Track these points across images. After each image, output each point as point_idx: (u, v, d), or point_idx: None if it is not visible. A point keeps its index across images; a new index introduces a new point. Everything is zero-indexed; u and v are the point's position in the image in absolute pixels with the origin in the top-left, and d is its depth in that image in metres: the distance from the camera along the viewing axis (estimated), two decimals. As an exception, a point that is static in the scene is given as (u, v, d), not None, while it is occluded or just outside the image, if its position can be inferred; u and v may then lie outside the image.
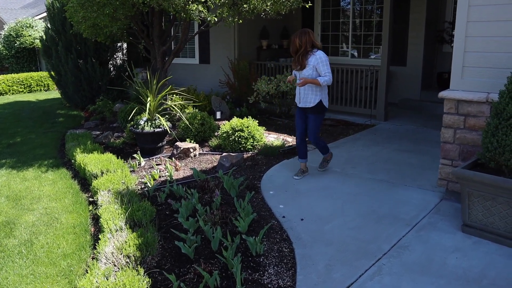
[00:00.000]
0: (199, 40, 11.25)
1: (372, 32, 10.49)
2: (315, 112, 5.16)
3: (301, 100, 5.19)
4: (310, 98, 5.11)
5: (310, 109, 5.20)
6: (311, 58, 4.99)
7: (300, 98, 5.18)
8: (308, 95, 5.10)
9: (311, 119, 5.22)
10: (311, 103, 5.15)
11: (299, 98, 5.20)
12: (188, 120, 7.16)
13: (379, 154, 6.44)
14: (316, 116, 5.18)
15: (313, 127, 5.23)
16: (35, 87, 17.36)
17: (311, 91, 5.09)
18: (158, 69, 9.04)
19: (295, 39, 4.94)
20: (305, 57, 4.97)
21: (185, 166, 6.10)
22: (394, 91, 9.95)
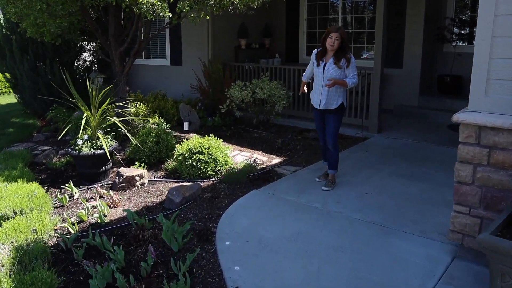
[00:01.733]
0: (171, 39, 9.99)
1: (364, 30, 9.27)
2: (337, 112, 4.90)
3: (323, 102, 4.85)
4: (333, 99, 4.84)
5: (332, 110, 4.89)
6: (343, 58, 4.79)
7: (322, 99, 4.86)
8: (332, 97, 4.82)
9: (331, 119, 4.92)
10: (333, 104, 4.86)
11: (320, 100, 4.87)
12: (141, 137, 5.92)
13: (371, 180, 5.23)
14: (338, 117, 4.93)
15: (334, 128, 4.92)
16: (3, 89, 16.07)
17: (336, 92, 4.81)
18: (118, 74, 7.80)
19: (340, 32, 4.63)
20: (343, 55, 4.69)
21: (127, 199, 4.87)
22: (389, 97, 8.74)
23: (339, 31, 4.59)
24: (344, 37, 4.59)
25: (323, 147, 5.19)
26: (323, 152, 5.31)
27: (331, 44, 4.60)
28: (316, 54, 4.86)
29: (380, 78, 7.12)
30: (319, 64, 4.79)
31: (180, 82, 9.75)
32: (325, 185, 4.99)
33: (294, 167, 5.80)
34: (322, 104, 4.84)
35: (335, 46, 4.60)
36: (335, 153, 4.98)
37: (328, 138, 4.94)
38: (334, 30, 4.60)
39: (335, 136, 4.91)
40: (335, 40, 4.57)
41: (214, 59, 9.04)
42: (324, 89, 4.77)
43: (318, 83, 4.86)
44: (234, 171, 5.31)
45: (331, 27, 4.71)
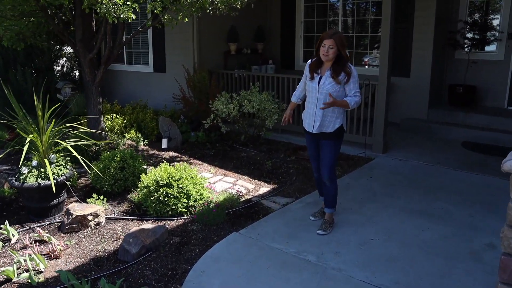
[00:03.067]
0: (153, 43, 9.06)
1: (367, 34, 8.34)
2: (334, 137, 3.97)
3: (317, 124, 3.91)
4: (329, 121, 3.91)
5: (327, 134, 3.94)
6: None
7: (315, 121, 3.92)
8: (327, 118, 3.90)
9: (327, 146, 3.97)
10: (329, 127, 3.92)
11: (313, 122, 3.94)
12: (104, 161, 4.99)
13: (377, 219, 4.29)
14: (335, 143, 3.98)
15: (330, 157, 3.97)
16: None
17: (332, 113, 3.90)
18: (88, 83, 6.87)
19: (335, 38, 3.72)
20: (341, 68, 3.79)
21: (75, 246, 3.92)
22: (395, 109, 7.81)
23: (333, 37, 3.68)
24: (340, 44, 3.69)
25: (318, 180, 4.26)
26: (318, 186, 4.38)
27: (324, 53, 3.73)
28: (309, 65, 3.95)
29: (386, 89, 6.18)
30: (313, 77, 3.89)
31: (164, 91, 8.82)
32: (321, 227, 4.05)
33: (284, 199, 4.87)
34: (315, 127, 3.91)
35: (330, 56, 3.72)
36: (332, 187, 4.06)
37: (323, 169, 4.01)
38: (327, 36, 3.72)
39: (331, 167, 3.98)
40: (328, 49, 3.70)
41: (200, 66, 8.11)
42: (319, 108, 3.86)
43: (311, 100, 3.94)
44: (211, 207, 4.37)
45: (325, 32, 3.79)
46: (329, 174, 3.98)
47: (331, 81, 3.79)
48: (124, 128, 7.62)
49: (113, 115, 7.71)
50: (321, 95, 3.82)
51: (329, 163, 3.96)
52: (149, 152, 6.85)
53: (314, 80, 3.90)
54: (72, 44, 6.67)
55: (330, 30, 3.76)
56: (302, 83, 4.13)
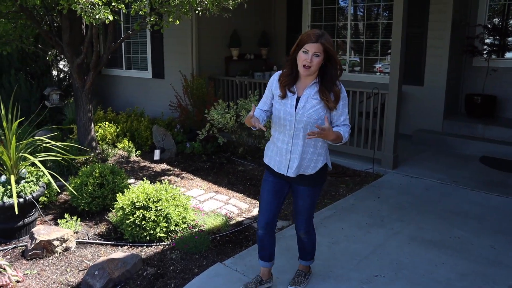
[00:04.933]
0: (152, 48, 8.61)
1: (378, 39, 7.80)
2: (315, 182, 2.85)
3: (294, 164, 2.76)
4: (310, 159, 2.78)
5: (306, 177, 2.83)
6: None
7: (291, 161, 2.76)
8: (308, 155, 2.76)
9: (306, 193, 2.88)
10: (310, 168, 2.80)
11: (288, 162, 2.77)
12: (81, 177, 4.51)
13: (384, 250, 3.73)
14: (315, 190, 2.89)
15: (309, 206, 2.94)
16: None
17: (314, 148, 2.77)
18: (78, 89, 6.44)
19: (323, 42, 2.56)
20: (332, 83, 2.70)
21: (36, 276, 3.43)
22: (407, 120, 7.24)
23: (320, 40, 2.54)
24: (330, 50, 2.58)
25: (263, 236, 3.03)
26: (261, 244, 3.09)
27: (306, 64, 2.57)
28: (278, 80, 2.78)
29: (397, 99, 5.63)
30: (286, 96, 2.70)
31: (162, 98, 8.35)
32: (294, 281, 3.19)
33: (279, 222, 4.33)
34: (292, 169, 2.76)
35: (314, 68, 2.59)
36: (311, 238, 3.12)
37: (299, 222, 3.02)
38: (312, 38, 2.55)
39: (309, 217, 3.00)
40: (313, 57, 2.55)
41: (199, 72, 7.64)
42: (297, 142, 2.72)
43: (284, 131, 2.75)
44: (195, 231, 3.86)
45: (306, 32, 2.61)
46: (308, 227, 3.03)
47: (315, 105, 2.65)
48: (117, 137, 7.17)
49: (106, 123, 7.27)
50: (300, 124, 2.67)
51: (309, 214, 2.98)
52: (140, 164, 6.37)
53: (287, 100, 2.70)
54: (60, 48, 6.26)
55: (313, 31, 2.60)
56: (266, 102, 2.85)
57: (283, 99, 2.71)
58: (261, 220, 2.96)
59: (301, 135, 2.70)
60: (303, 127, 2.67)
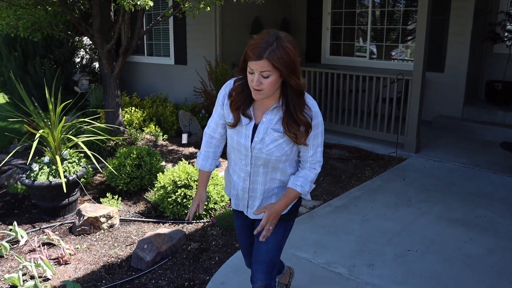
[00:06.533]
0: (175, 35, 8.76)
1: (398, 26, 7.89)
2: (284, 219, 2.16)
3: (256, 204, 2.19)
4: (277, 195, 2.17)
5: None
6: None
7: (250, 201, 2.19)
8: (274, 193, 2.16)
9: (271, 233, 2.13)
10: None
11: (247, 201, 2.20)
12: (119, 158, 4.72)
13: (414, 228, 3.91)
14: (285, 227, 2.22)
15: (271, 250, 2.20)
16: (5, 87, 15.14)
17: (281, 183, 2.15)
18: (107, 75, 6.63)
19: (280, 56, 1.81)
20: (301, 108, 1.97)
21: (87, 250, 3.65)
22: (427, 106, 7.34)
23: (268, 57, 1.80)
24: (285, 66, 1.82)
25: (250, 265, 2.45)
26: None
27: (255, 86, 1.87)
28: (229, 96, 2.06)
29: (421, 85, 5.76)
30: (239, 123, 2.05)
31: (185, 84, 8.53)
32: None
33: (311, 202, 4.52)
34: (252, 209, 2.20)
35: (267, 90, 1.88)
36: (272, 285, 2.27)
37: (257, 268, 2.21)
38: (254, 54, 1.81)
39: (273, 266, 2.23)
40: (260, 79, 1.85)
41: (222, 58, 7.80)
42: (256, 180, 2.13)
43: (240, 164, 2.15)
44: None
45: (250, 42, 1.87)
46: (267, 279, 2.20)
47: (276, 138, 2.00)
48: (143, 122, 7.36)
49: (132, 109, 7.47)
50: (258, 161, 2.07)
51: (269, 263, 2.20)
52: (168, 147, 6.57)
53: (241, 129, 2.05)
54: (89, 34, 6.43)
55: (259, 39, 1.84)
56: (218, 124, 2.17)
57: (233, 127, 2.05)
58: (245, 259, 2.54)
59: (261, 172, 2.10)
60: (262, 164, 2.07)
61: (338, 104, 6.79)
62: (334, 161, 5.74)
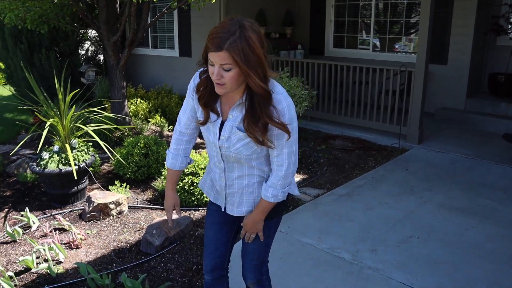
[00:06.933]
0: (179, 27, 8.83)
1: (401, 18, 7.93)
2: (270, 214, 2.03)
3: (234, 200, 2.05)
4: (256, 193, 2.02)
5: None
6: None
7: (227, 196, 2.06)
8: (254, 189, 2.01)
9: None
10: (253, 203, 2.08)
11: (223, 197, 2.08)
12: (127, 147, 4.81)
13: (416, 215, 3.99)
14: (270, 224, 2.11)
15: (259, 248, 2.15)
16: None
17: (258, 178, 2.00)
18: (113, 67, 6.71)
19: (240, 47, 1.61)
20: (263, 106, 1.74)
21: (96, 235, 3.75)
22: (430, 98, 7.41)
23: (229, 48, 1.61)
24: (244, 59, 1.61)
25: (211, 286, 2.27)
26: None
27: (216, 79, 1.69)
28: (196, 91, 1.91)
29: (424, 77, 5.82)
30: (208, 121, 1.90)
31: (189, 76, 8.45)
32: None
33: (315, 190, 4.61)
34: (233, 206, 2.07)
35: (229, 85, 1.70)
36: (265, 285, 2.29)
37: (247, 266, 2.22)
38: (213, 45, 1.63)
39: (263, 263, 2.24)
40: (220, 72, 1.67)
41: (226, 51, 7.85)
42: (231, 176, 2.01)
43: (214, 161, 2.03)
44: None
45: (211, 31, 1.67)
46: (256, 276, 2.22)
47: (242, 138, 1.84)
48: (149, 113, 7.45)
49: (138, 100, 7.55)
50: (229, 158, 1.94)
51: (257, 261, 2.19)
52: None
53: (210, 125, 1.91)
54: (96, 26, 6.51)
55: (220, 27, 1.66)
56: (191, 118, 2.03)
57: (204, 124, 1.92)
58: (207, 263, 2.22)
59: (235, 168, 1.97)
60: (234, 161, 1.95)
61: (342, 96, 6.85)
62: (338, 151, 5.81)
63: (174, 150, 2.11)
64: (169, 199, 2.18)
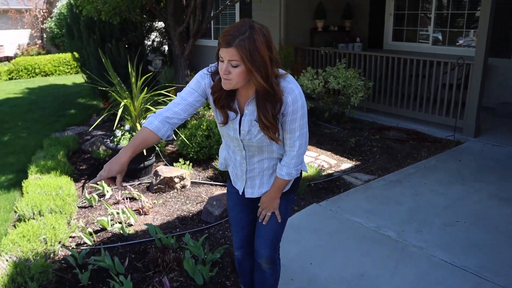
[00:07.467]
0: (241, 18, 9.17)
1: (464, 11, 7.84)
2: (284, 195, 2.22)
3: (256, 183, 2.21)
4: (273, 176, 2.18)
5: None
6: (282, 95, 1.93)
7: (248, 182, 2.22)
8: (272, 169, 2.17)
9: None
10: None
11: (243, 181, 2.22)
12: (190, 129, 5.19)
13: (464, 203, 4.09)
14: (286, 200, 2.24)
15: (275, 227, 2.26)
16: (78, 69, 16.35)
17: (277, 160, 2.15)
18: (178, 56, 7.16)
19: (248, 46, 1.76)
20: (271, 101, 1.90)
21: (162, 205, 4.15)
22: (490, 92, 7.31)
23: (236, 46, 1.76)
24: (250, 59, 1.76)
25: (241, 261, 2.53)
26: (241, 271, 2.59)
27: (224, 74, 1.83)
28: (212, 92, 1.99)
29: (482, 70, 5.81)
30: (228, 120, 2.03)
31: (249, 67, 8.91)
32: None
33: (366, 176, 4.79)
34: (255, 189, 2.21)
35: (235, 80, 1.83)
36: (273, 274, 2.41)
37: (260, 247, 2.31)
38: (223, 41, 1.78)
39: (276, 242, 2.33)
40: (228, 67, 1.80)
41: (286, 42, 8.12)
42: (251, 157, 2.14)
43: (236, 150, 2.18)
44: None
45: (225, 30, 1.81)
46: (271, 253, 2.31)
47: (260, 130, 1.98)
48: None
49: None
50: (251, 147, 2.09)
51: (273, 237, 2.28)
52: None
53: (229, 123, 2.04)
54: (163, 18, 6.96)
55: (232, 27, 1.80)
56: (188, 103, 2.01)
57: (225, 124, 2.05)
58: (236, 242, 2.44)
59: (256, 154, 2.13)
60: (256, 149, 2.10)
61: (398, 88, 6.92)
62: (391, 141, 5.93)
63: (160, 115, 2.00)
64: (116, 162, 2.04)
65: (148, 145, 2.06)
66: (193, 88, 1.99)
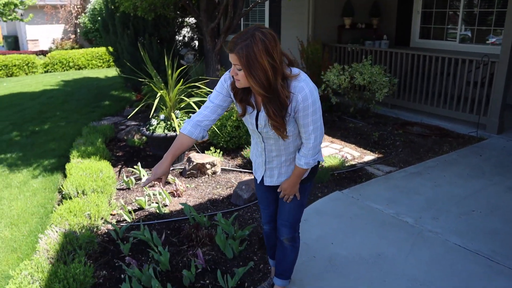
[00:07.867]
0: (270, 16, 9.44)
1: (493, 9, 7.90)
2: (301, 183, 2.43)
3: (275, 173, 2.44)
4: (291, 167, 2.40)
5: None
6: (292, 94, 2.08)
7: (267, 171, 2.46)
8: (290, 161, 2.38)
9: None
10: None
11: (264, 170, 2.46)
12: (221, 120, 5.48)
13: (482, 195, 4.26)
14: (304, 187, 2.47)
15: (294, 208, 2.50)
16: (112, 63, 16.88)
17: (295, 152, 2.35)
18: (209, 51, 7.47)
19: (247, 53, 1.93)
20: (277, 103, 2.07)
21: (194, 188, 4.46)
22: (516, 90, 7.37)
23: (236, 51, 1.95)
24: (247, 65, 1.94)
25: (270, 234, 2.79)
26: (269, 243, 2.85)
27: (234, 75, 2.07)
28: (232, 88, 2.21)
29: (507, 68, 5.91)
30: (245, 112, 2.26)
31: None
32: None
33: (388, 167, 4.99)
34: (274, 179, 2.45)
35: (242, 81, 2.04)
36: (293, 250, 2.64)
37: (282, 225, 2.56)
38: (231, 45, 1.98)
39: (297, 222, 2.57)
40: (235, 69, 2.03)
41: (313, 39, 8.33)
42: (270, 149, 2.36)
43: (257, 141, 2.43)
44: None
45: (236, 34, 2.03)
46: (291, 232, 2.56)
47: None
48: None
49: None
50: (269, 140, 2.32)
51: (294, 218, 2.53)
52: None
53: (248, 117, 2.27)
54: (196, 14, 7.27)
55: (241, 32, 1.99)
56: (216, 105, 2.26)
57: (243, 115, 2.27)
58: (264, 217, 2.73)
59: (273, 146, 2.34)
60: (273, 144, 2.33)
61: (423, 85, 7.06)
62: (414, 136, 6.10)
63: (195, 120, 2.28)
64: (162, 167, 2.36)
65: (186, 149, 2.35)
66: (218, 91, 2.24)
